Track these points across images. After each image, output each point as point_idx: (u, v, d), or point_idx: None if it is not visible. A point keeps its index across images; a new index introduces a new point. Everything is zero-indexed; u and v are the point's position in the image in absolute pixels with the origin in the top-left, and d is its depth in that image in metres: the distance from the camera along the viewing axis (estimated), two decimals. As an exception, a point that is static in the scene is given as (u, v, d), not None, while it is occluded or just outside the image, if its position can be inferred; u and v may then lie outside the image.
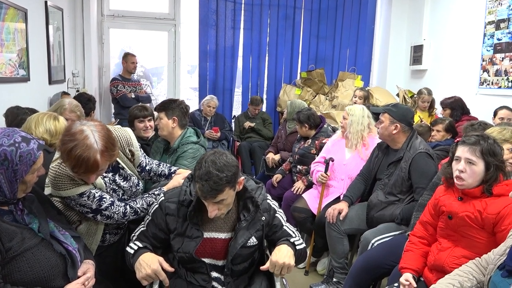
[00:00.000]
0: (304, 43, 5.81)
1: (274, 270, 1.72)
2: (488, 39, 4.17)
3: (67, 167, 1.66)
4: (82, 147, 1.56)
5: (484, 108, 4.01)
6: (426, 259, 1.97)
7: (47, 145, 2.05)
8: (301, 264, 3.16)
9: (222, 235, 1.79)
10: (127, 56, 4.99)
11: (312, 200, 3.22)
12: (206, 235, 1.77)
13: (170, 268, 1.73)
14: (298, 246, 1.80)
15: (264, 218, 1.80)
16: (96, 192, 1.79)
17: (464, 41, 4.55)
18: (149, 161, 2.19)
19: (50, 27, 4.13)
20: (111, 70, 5.60)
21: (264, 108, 5.72)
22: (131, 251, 1.75)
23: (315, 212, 3.13)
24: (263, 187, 1.88)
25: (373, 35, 5.97)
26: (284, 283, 1.92)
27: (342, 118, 3.27)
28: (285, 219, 1.90)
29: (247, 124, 5.25)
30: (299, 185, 3.48)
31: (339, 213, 2.74)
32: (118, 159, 1.92)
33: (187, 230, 1.75)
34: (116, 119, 4.91)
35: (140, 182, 2.07)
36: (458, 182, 1.84)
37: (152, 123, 3.07)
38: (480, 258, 1.69)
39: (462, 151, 1.84)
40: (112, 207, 1.83)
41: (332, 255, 2.86)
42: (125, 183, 1.96)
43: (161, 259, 1.72)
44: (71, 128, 1.62)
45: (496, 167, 1.79)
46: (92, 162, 1.58)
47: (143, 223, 1.85)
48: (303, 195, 3.33)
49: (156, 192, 2.01)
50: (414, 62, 5.38)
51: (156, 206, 1.82)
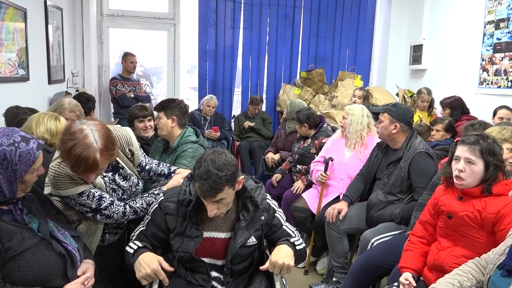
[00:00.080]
0: (304, 43, 5.81)
1: (274, 270, 1.72)
2: (488, 38, 4.17)
3: (66, 166, 1.66)
4: (81, 146, 1.56)
5: (483, 107, 4.01)
6: (425, 259, 1.97)
7: (47, 144, 2.05)
8: (300, 264, 3.16)
9: (222, 235, 1.79)
10: (126, 55, 4.97)
11: (311, 199, 3.22)
12: (206, 234, 1.77)
13: (170, 268, 1.73)
14: (298, 246, 1.80)
15: (263, 217, 1.80)
16: (96, 192, 1.79)
17: (463, 40, 4.55)
18: (149, 160, 2.19)
19: (50, 26, 4.12)
20: (111, 69, 5.59)
21: (263, 108, 5.72)
22: (131, 251, 1.75)
23: (315, 211, 3.13)
24: (262, 187, 1.88)
25: (372, 34, 5.97)
26: (284, 282, 1.92)
27: (341, 118, 3.27)
28: (284, 218, 1.90)
29: (247, 123, 5.24)
30: (298, 184, 3.48)
31: (339, 212, 2.75)
32: (118, 159, 1.92)
33: (186, 229, 1.75)
34: (115, 119, 4.91)
35: (140, 182, 2.07)
36: (458, 181, 1.84)
37: (152, 123, 3.07)
38: (479, 257, 1.70)
39: (462, 151, 1.84)
40: (112, 206, 1.83)
41: (332, 254, 2.86)
42: (124, 182, 1.96)
43: (160, 259, 1.72)
44: (71, 127, 1.62)
45: (496, 166, 1.79)
46: (91, 161, 1.58)
47: (142, 222, 1.85)
48: (302, 194, 3.33)
49: (155, 192, 2.01)
50: (414, 62, 5.38)
51: (156, 205, 1.82)
